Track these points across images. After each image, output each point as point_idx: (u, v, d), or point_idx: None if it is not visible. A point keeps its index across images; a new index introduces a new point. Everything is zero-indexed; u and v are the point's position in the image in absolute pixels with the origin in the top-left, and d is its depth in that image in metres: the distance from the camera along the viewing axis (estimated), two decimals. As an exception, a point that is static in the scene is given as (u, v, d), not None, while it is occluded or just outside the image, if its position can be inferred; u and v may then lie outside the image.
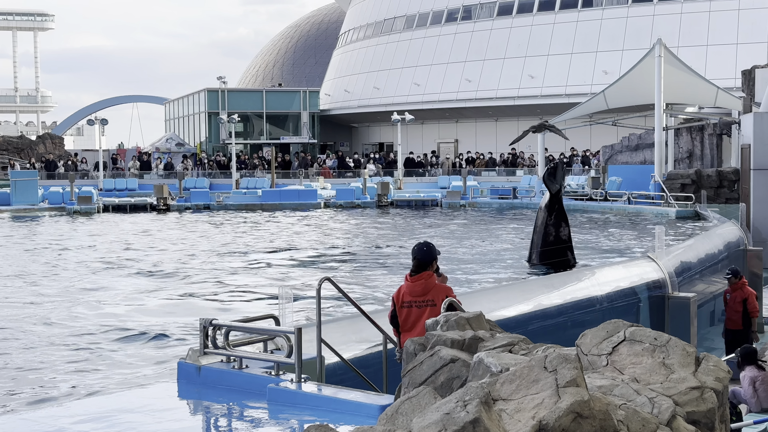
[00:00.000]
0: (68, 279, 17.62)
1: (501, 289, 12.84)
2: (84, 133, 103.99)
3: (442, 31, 57.55)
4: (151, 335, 12.08)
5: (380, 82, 60.30)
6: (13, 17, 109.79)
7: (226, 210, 37.57)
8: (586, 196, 35.75)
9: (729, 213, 24.50)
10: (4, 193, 38.00)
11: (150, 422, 5.78)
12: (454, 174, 49.25)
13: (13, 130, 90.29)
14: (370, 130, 66.86)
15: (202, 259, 20.56)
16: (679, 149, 37.27)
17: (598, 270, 13.10)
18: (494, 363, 4.17)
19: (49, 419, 5.93)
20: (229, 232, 27.73)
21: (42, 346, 11.48)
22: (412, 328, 6.52)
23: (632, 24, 49.54)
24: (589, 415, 3.64)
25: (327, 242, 24.43)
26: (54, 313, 13.67)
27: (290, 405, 5.82)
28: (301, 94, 65.05)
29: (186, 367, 6.58)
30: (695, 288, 14.10)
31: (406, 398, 4.06)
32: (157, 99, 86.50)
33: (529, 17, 53.58)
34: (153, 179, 49.54)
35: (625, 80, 36.66)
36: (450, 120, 59.93)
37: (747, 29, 46.39)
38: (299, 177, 50.00)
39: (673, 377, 4.27)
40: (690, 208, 28.65)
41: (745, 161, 25.51)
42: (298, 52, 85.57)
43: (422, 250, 6.65)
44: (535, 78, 51.96)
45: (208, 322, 6.55)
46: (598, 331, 4.65)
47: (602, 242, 22.83)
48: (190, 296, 15.34)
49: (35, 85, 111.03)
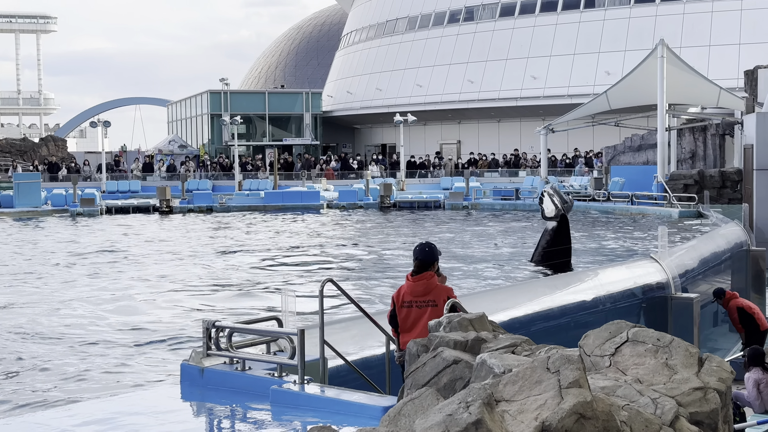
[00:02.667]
0: (68, 280, 17.63)
1: (504, 290, 12.83)
2: (87, 135, 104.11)
3: (445, 33, 57.55)
4: (154, 337, 12.09)
5: (382, 83, 60.30)
6: (15, 20, 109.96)
7: (228, 212, 37.59)
8: (589, 196, 35.74)
9: (732, 213, 24.47)
10: (7, 196, 38.05)
11: (153, 424, 5.79)
12: (456, 175, 49.24)
13: (16, 132, 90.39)
14: (373, 132, 66.87)
15: (205, 261, 20.57)
16: (681, 150, 37.25)
17: (601, 271, 13.08)
18: (497, 364, 4.17)
19: (52, 421, 5.93)
20: (231, 234, 27.74)
21: (44, 348, 11.49)
22: (411, 328, 6.51)
23: (635, 24, 49.51)
24: (592, 416, 3.64)
25: (330, 243, 24.43)
26: (56, 315, 13.68)
27: (293, 407, 5.83)
28: (303, 96, 65.09)
29: (189, 368, 6.58)
30: (698, 289, 14.07)
31: (409, 399, 4.07)
32: (160, 101, 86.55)
33: (531, 18, 53.57)
34: (156, 181, 49.59)
35: (627, 81, 36.66)
36: (452, 121, 59.93)
37: (750, 29, 46.35)
38: (302, 178, 50.02)
39: (676, 378, 4.27)
40: (693, 208, 28.63)
41: (748, 161, 25.49)
42: (300, 53, 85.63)
43: (424, 251, 6.65)
44: (537, 79, 51.95)
45: (211, 323, 6.55)
46: (600, 332, 4.65)
47: (605, 243, 22.81)
48: (193, 298, 15.34)
49: (38, 88, 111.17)
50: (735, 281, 17.47)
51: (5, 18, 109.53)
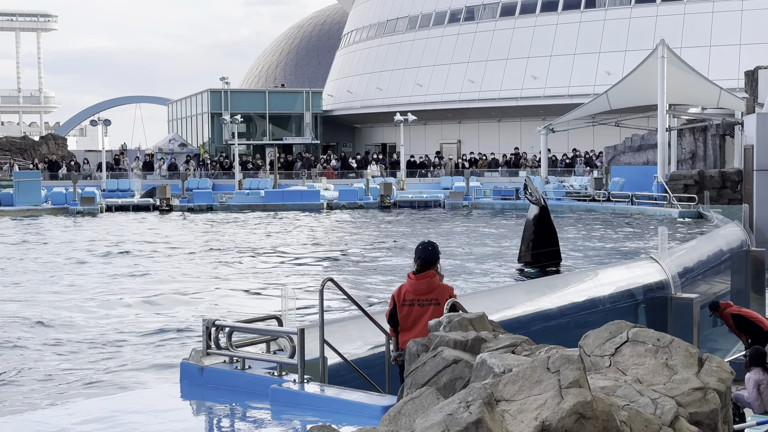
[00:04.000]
0: (69, 280, 17.63)
1: (504, 289, 12.83)
2: (87, 133, 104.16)
3: (445, 32, 57.54)
4: (154, 336, 12.09)
5: (383, 82, 60.30)
6: (16, 18, 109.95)
7: (228, 211, 37.58)
8: (589, 196, 35.74)
9: (732, 214, 24.47)
10: (7, 194, 38.05)
11: (153, 423, 5.79)
12: (456, 175, 49.24)
13: (17, 130, 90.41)
14: (373, 131, 66.88)
15: (205, 260, 20.57)
16: (682, 150, 37.25)
17: (601, 271, 13.08)
18: (497, 364, 4.17)
19: (52, 419, 5.93)
20: (231, 233, 27.74)
21: (44, 348, 11.49)
22: (412, 327, 6.52)
23: (635, 25, 49.51)
24: (591, 416, 3.64)
25: (330, 243, 24.43)
26: (56, 314, 13.68)
27: (293, 406, 5.83)
28: (303, 95, 65.09)
29: (189, 367, 6.58)
30: (698, 289, 14.07)
31: (409, 399, 4.07)
32: (160, 100, 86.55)
33: (531, 18, 53.56)
34: (156, 180, 49.58)
35: (628, 81, 36.66)
36: (453, 121, 59.93)
37: (750, 30, 46.35)
38: (302, 178, 50.02)
39: (676, 378, 4.27)
40: (693, 209, 28.63)
41: (748, 162, 25.50)
42: (300, 52, 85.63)
43: (427, 249, 6.66)
44: (538, 79, 51.94)
45: (211, 322, 6.55)
46: (600, 332, 4.65)
47: (605, 243, 22.82)
48: (193, 297, 15.34)
49: (38, 86, 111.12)
50: (735, 282, 17.46)
51: (6, 16, 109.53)
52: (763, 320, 13.54)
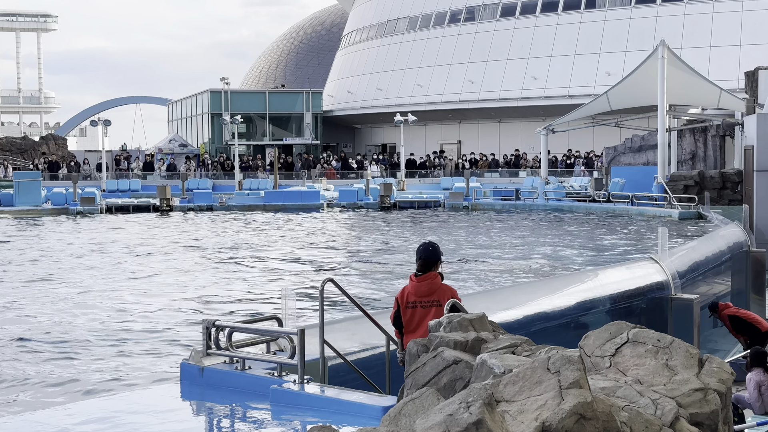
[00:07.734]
0: (69, 280, 17.63)
1: (504, 290, 12.83)
2: (87, 134, 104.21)
3: (445, 33, 57.54)
4: (154, 336, 12.08)
5: (383, 83, 60.30)
6: (16, 18, 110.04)
7: (228, 211, 37.57)
8: (589, 197, 35.74)
9: (732, 214, 24.47)
10: (7, 194, 38.05)
11: (153, 423, 5.79)
12: (456, 175, 49.23)
13: (17, 131, 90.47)
14: (373, 132, 66.88)
15: (205, 260, 20.56)
16: (682, 151, 37.24)
17: (601, 271, 13.08)
18: (497, 364, 4.16)
19: (52, 420, 5.93)
20: (231, 234, 27.74)
21: (44, 348, 11.49)
22: (416, 329, 6.51)
23: (635, 25, 49.51)
24: (592, 417, 3.64)
25: (330, 243, 24.43)
26: (56, 315, 13.68)
27: (293, 406, 5.83)
28: (303, 96, 65.08)
29: (189, 368, 6.58)
30: (698, 290, 14.07)
31: (409, 399, 4.06)
32: (160, 100, 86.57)
33: (532, 18, 53.57)
34: (156, 180, 49.57)
35: (628, 81, 36.64)
36: (453, 121, 59.93)
37: (750, 30, 46.35)
38: (302, 178, 50.01)
39: (677, 379, 4.27)
40: (693, 209, 28.62)
41: (748, 163, 25.50)
42: (301, 53, 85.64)
43: (428, 250, 6.65)
44: (538, 79, 51.95)
45: (211, 323, 6.55)
46: (601, 333, 4.65)
47: (605, 244, 22.81)
48: (193, 297, 15.34)
49: (38, 86, 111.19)
50: (735, 282, 17.46)
51: (6, 16, 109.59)
52: (760, 321, 13.54)
